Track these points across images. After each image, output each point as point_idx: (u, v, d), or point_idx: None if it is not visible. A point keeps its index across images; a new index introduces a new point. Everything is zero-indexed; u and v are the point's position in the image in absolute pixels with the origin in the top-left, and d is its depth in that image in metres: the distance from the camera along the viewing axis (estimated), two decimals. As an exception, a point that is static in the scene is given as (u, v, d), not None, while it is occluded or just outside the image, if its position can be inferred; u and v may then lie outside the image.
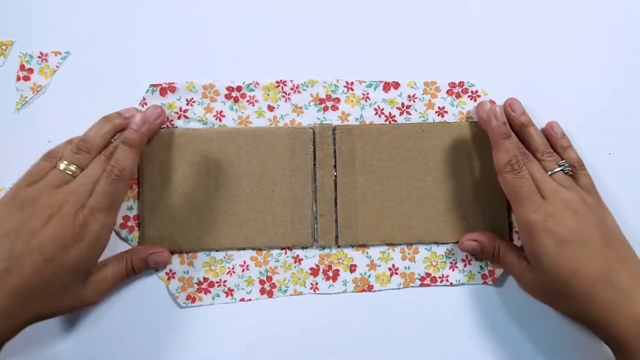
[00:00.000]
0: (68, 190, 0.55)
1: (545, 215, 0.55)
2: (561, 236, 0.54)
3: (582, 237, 0.55)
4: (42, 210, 0.54)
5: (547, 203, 0.56)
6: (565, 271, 0.54)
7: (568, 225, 0.55)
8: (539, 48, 0.67)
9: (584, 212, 0.56)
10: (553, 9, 0.67)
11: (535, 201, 0.56)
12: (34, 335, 0.60)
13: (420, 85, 0.66)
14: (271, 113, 0.65)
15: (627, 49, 0.67)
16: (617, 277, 0.53)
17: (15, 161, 0.63)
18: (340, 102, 0.65)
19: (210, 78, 0.65)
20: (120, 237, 0.64)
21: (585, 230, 0.55)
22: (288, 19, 0.66)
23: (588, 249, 0.54)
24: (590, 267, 0.54)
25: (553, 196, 0.57)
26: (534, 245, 0.56)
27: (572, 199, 0.57)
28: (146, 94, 0.64)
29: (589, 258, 0.54)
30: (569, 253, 0.54)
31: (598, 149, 0.66)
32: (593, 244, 0.54)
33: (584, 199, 0.58)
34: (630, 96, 0.67)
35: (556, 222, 0.55)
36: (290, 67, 0.66)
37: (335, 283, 0.64)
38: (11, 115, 0.64)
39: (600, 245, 0.55)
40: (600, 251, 0.54)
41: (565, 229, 0.54)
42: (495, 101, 0.65)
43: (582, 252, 0.54)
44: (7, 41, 0.64)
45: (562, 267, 0.54)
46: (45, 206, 0.54)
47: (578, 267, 0.54)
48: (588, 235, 0.55)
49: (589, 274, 0.53)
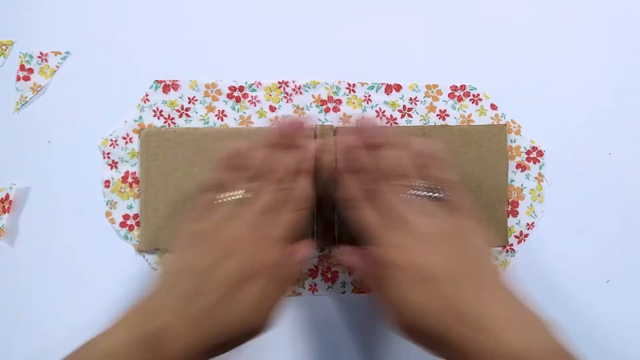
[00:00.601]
0: (246, 222, 0.53)
1: (392, 248, 0.50)
2: (414, 271, 0.49)
3: (436, 268, 0.48)
4: (224, 242, 0.52)
5: (394, 234, 0.51)
6: (420, 309, 0.48)
7: (420, 257, 0.49)
8: (539, 51, 0.67)
9: (437, 238, 0.50)
10: (553, 12, 0.67)
11: (380, 234, 0.51)
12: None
13: (422, 88, 0.65)
14: (273, 113, 0.65)
15: (627, 49, 0.67)
16: (468, 307, 0.47)
17: (15, 161, 0.63)
18: (342, 103, 0.65)
19: (213, 77, 0.65)
20: (119, 236, 0.64)
21: (438, 261, 0.49)
22: (291, 21, 0.66)
23: (436, 282, 0.48)
24: (437, 301, 0.47)
25: (401, 225, 0.51)
26: (386, 284, 0.50)
27: (426, 225, 0.51)
28: (149, 89, 0.64)
29: (436, 293, 0.48)
30: (421, 287, 0.48)
31: (598, 149, 0.66)
32: (443, 277, 0.48)
33: (438, 222, 0.51)
34: (630, 96, 0.67)
35: (407, 255, 0.49)
36: (293, 68, 0.65)
37: (334, 284, 0.65)
38: (11, 115, 0.64)
39: (451, 277, 0.48)
40: (451, 283, 0.48)
41: (417, 263, 0.49)
42: (497, 105, 0.65)
43: (432, 285, 0.48)
44: (7, 41, 0.64)
45: (417, 305, 0.48)
46: (226, 238, 0.52)
47: (430, 301, 0.47)
48: (442, 266, 0.48)
49: (436, 309, 0.47)
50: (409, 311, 0.48)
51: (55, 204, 0.63)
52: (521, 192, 0.66)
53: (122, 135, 0.64)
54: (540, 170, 0.66)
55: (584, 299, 0.65)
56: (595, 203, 0.66)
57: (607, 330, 0.65)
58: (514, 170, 0.65)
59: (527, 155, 0.66)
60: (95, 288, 0.63)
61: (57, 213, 0.63)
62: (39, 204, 0.63)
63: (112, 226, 0.64)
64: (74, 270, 0.63)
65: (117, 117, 0.64)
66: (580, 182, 0.66)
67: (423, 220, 0.51)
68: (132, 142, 0.64)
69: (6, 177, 0.63)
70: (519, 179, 0.65)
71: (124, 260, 0.64)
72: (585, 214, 0.66)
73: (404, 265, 0.49)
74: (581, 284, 0.65)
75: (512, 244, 0.65)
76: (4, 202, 0.62)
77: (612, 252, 0.66)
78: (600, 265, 0.66)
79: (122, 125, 0.64)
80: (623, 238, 0.66)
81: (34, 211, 0.63)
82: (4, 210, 0.62)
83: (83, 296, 0.63)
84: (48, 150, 0.63)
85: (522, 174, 0.66)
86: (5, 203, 0.62)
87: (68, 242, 0.63)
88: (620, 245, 0.66)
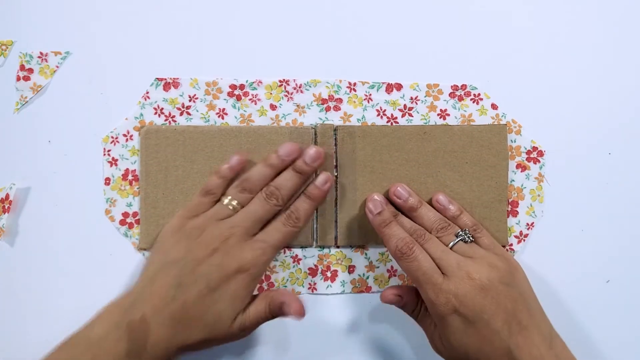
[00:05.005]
0: (232, 224, 0.58)
1: (447, 296, 0.54)
2: (466, 317, 0.54)
3: (487, 314, 0.53)
4: (208, 241, 0.57)
5: (450, 281, 0.55)
6: (472, 349, 0.54)
7: (473, 304, 0.54)
8: (540, 51, 0.66)
9: (490, 282, 0.55)
10: (555, 12, 0.67)
11: (435, 282, 0.55)
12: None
13: (422, 87, 0.65)
14: (273, 112, 0.65)
15: (627, 49, 0.67)
16: (519, 351, 0.52)
17: (15, 161, 0.63)
18: (343, 102, 0.65)
19: (214, 75, 0.65)
20: (119, 233, 0.64)
21: (489, 306, 0.54)
22: (292, 19, 0.66)
23: (492, 326, 0.53)
24: (494, 344, 0.53)
25: (456, 272, 0.56)
26: (441, 325, 0.56)
27: (476, 270, 0.55)
28: (150, 87, 0.64)
29: (492, 335, 0.53)
30: (474, 332, 0.54)
31: (598, 149, 0.66)
32: (497, 321, 0.53)
33: (491, 264, 0.57)
34: (630, 96, 0.67)
35: (460, 302, 0.54)
36: (294, 66, 0.65)
37: (333, 284, 0.65)
38: (11, 115, 0.64)
39: (504, 321, 0.53)
40: (503, 326, 0.53)
41: (470, 309, 0.54)
42: (497, 105, 0.65)
43: (486, 330, 0.53)
44: (7, 41, 0.64)
45: (468, 346, 0.54)
46: (211, 237, 0.57)
47: (482, 345, 0.53)
48: (492, 311, 0.54)
49: (492, 351, 0.53)
50: (465, 352, 0.55)
51: (55, 204, 0.63)
52: (521, 192, 0.66)
53: (122, 133, 0.64)
54: (541, 170, 0.66)
55: (584, 299, 0.66)
56: (595, 203, 0.66)
57: (607, 331, 0.66)
58: (514, 170, 0.65)
59: (527, 155, 0.66)
60: (96, 286, 0.63)
61: (57, 213, 0.63)
62: (39, 204, 0.63)
63: (112, 224, 0.64)
64: (73, 270, 0.63)
65: (117, 116, 0.64)
66: (580, 182, 0.66)
67: (474, 265, 0.56)
68: (132, 140, 0.64)
69: (6, 177, 0.63)
70: (519, 179, 0.65)
71: (124, 258, 0.64)
72: (585, 214, 0.66)
73: (462, 312, 0.54)
74: (581, 284, 0.66)
75: (512, 244, 0.66)
76: (4, 202, 0.62)
77: (612, 252, 0.66)
78: (600, 265, 0.66)
79: (123, 122, 0.64)
80: (623, 238, 0.66)
81: (34, 211, 0.63)
82: (4, 210, 0.62)
83: (83, 295, 0.63)
84: (48, 150, 0.63)
85: (522, 174, 0.66)
86: (5, 203, 0.62)
87: (68, 242, 0.63)
88: (620, 245, 0.66)
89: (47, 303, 0.63)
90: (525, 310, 0.55)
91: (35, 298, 0.63)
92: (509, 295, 0.55)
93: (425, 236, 0.59)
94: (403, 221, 0.61)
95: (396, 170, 0.64)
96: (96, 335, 0.52)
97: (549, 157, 0.66)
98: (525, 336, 0.53)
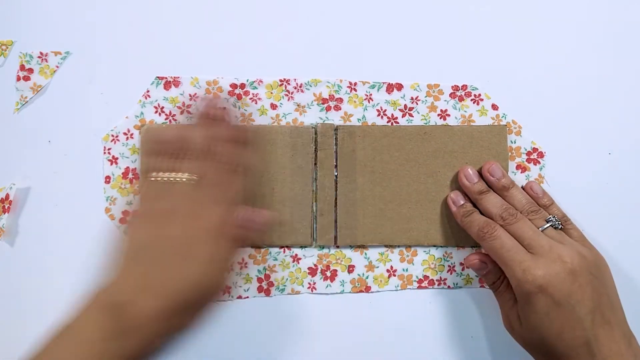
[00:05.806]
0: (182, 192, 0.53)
1: (535, 275, 0.54)
2: (552, 298, 0.54)
3: (574, 300, 0.53)
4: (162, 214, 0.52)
5: (539, 260, 0.55)
6: (550, 333, 0.54)
7: (561, 287, 0.54)
8: (541, 52, 0.66)
9: (580, 269, 0.55)
10: (555, 13, 0.67)
11: (522, 259, 0.56)
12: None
13: (423, 87, 0.65)
14: (274, 111, 0.65)
15: (627, 49, 0.67)
16: (598, 344, 0.53)
17: (15, 161, 0.63)
18: (343, 102, 0.65)
19: (214, 74, 0.65)
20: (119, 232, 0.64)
21: (577, 292, 0.54)
22: (293, 18, 0.66)
23: (577, 312, 0.53)
24: (575, 332, 0.53)
25: (547, 253, 0.56)
26: (523, 303, 0.56)
27: (567, 255, 0.55)
28: (150, 86, 0.64)
29: (575, 322, 0.53)
30: (557, 315, 0.54)
31: (598, 149, 0.66)
32: (582, 308, 0.53)
33: (580, 253, 0.56)
34: (630, 96, 0.67)
35: (548, 282, 0.54)
36: (294, 66, 0.65)
37: (333, 283, 0.65)
38: (11, 115, 0.64)
39: (589, 310, 0.53)
40: (587, 315, 0.53)
41: (558, 291, 0.54)
42: (498, 105, 0.65)
43: (570, 316, 0.53)
44: (7, 41, 0.64)
45: (547, 329, 0.54)
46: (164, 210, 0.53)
47: (563, 330, 0.53)
48: (579, 298, 0.54)
49: (572, 339, 0.53)
50: (542, 335, 0.55)
51: (55, 203, 0.63)
52: (521, 192, 0.66)
53: (123, 131, 0.64)
54: (541, 171, 0.65)
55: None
56: (595, 203, 0.66)
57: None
58: (514, 171, 0.65)
59: (527, 157, 0.66)
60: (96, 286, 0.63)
61: (57, 213, 0.63)
62: (39, 204, 0.63)
63: (112, 222, 0.64)
64: (73, 269, 0.63)
65: (118, 115, 0.64)
66: (580, 182, 0.66)
67: (565, 249, 0.56)
68: (132, 138, 0.64)
69: (6, 177, 0.63)
70: (519, 180, 0.65)
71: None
72: (585, 214, 0.66)
73: (549, 292, 0.54)
74: (580, 285, 0.66)
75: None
76: (4, 202, 0.62)
77: (612, 252, 0.66)
78: (599, 266, 0.66)
79: (124, 121, 0.64)
80: (623, 238, 0.66)
81: (34, 211, 0.63)
82: (4, 210, 0.62)
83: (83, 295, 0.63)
84: (48, 150, 0.63)
85: (522, 174, 0.65)
86: (5, 203, 0.62)
87: (68, 242, 0.63)
88: (620, 245, 0.66)
89: (47, 303, 0.62)
90: (609, 305, 0.55)
91: (35, 298, 0.63)
92: (596, 287, 0.55)
93: (517, 215, 0.59)
94: (494, 198, 0.62)
95: (396, 170, 0.64)
96: (78, 321, 0.50)
97: (549, 159, 0.66)
98: (607, 330, 0.53)
